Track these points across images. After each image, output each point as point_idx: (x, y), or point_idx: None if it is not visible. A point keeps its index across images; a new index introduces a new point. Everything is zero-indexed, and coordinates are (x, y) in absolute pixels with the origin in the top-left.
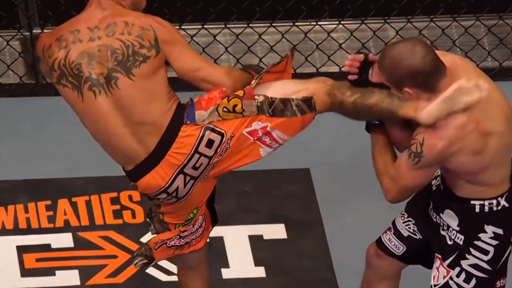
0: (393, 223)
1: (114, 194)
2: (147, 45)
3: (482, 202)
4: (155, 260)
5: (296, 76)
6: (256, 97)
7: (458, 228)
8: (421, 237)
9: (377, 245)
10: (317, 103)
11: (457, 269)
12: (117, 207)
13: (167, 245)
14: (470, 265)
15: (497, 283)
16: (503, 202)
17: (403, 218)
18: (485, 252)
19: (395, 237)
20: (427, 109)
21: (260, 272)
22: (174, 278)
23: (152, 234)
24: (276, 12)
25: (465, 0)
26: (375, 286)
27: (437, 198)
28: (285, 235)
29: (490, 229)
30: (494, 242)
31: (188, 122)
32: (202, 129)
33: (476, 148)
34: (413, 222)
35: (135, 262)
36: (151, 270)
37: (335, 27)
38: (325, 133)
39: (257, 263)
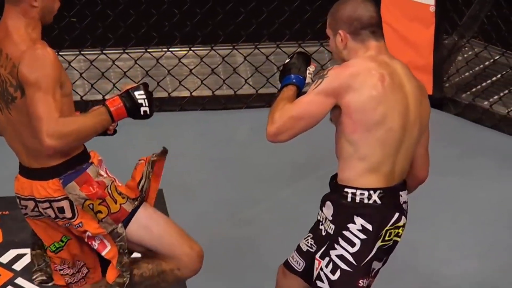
0: (299, 241)
1: None
2: (14, 84)
3: (354, 190)
4: (53, 281)
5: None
6: (120, 225)
7: (331, 218)
8: (317, 249)
9: (284, 263)
10: None
11: (327, 259)
12: None
13: (57, 270)
14: (337, 256)
15: (360, 281)
16: (375, 197)
17: (305, 235)
18: (352, 244)
19: (297, 254)
20: None
21: None
22: None
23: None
24: (129, 39)
25: (311, 28)
26: None
27: (325, 194)
28: (138, 253)
29: (359, 221)
30: (362, 236)
31: (61, 181)
32: (63, 196)
33: (370, 92)
34: (311, 236)
35: (33, 277)
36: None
37: (186, 53)
38: (178, 154)
39: None
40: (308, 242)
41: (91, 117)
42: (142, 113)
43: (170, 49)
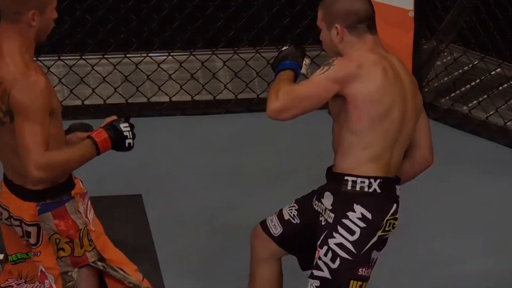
0: (283, 207)
1: None
2: (4, 110)
3: (355, 178)
4: None
5: (128, 106)
6: (75, 270)
7: (331, 207)
8: (298, 222)
9: (260, 223)
10: None
11: (325, 247)
12: None
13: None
14: (336, 244)
15: (360, 270)
16: (375, 185)
17: (290, 204)
18: (351, 232)
19: (276, 218)
20: None
21: None
22: None
23: None
24: (108, 44)
25: (290, 33)
26: (252, 270)
27: (322, 186)
28: None
29: (359, 209)
30: (361, 224)
31: (38, 208)
32: (34, 222)
33: (376, 83)
34: (296, 208)
35: None
36: None
37: (165, 59)
38: (158, 159)
39: None
40: (291, 213)
41: (77, 149)
42: (126, 145)
43: (149, 54)
